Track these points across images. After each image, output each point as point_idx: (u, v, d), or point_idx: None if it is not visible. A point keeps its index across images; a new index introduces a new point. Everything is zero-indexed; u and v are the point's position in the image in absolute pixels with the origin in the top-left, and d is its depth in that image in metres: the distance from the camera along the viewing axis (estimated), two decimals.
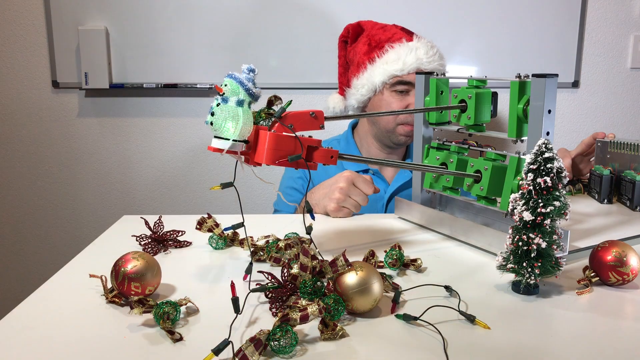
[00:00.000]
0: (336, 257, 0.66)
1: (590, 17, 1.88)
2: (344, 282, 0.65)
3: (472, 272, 0.81)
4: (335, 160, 0.77)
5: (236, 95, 0.70)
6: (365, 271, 0.65)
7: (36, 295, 0.73)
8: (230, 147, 0.70)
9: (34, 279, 1.99)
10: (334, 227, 1.05)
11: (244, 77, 0.72)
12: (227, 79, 0.71)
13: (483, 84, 0.94)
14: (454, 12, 1.83)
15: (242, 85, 0.71)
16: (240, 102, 0.70)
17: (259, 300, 0.71)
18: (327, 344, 0.60)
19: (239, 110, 0.70)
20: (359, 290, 0.64)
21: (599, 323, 0.65)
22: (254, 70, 0.73)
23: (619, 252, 0.74)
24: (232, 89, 0.71)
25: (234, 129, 0.70)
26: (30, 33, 1.82)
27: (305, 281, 0.65)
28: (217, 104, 0.70)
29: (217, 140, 0.71)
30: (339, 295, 0.64)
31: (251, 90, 0.72)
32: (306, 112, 0.77)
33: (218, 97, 0.71)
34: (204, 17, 1.81)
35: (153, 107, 1.89)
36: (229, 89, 0.71)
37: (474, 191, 0.91)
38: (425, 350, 0.58)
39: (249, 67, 0.73)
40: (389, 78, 1.36)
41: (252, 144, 0.73)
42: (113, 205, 1.95)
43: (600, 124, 1.96)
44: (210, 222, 0.92)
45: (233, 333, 0.60)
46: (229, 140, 0.70)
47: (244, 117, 0.70)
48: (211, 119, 0.70)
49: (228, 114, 0.70)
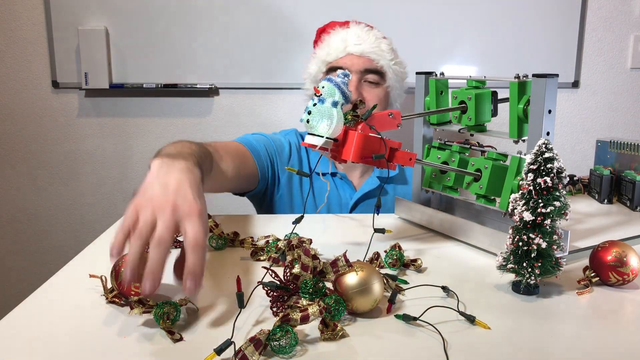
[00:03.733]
0: (337, 257, 0.66)
1: (590, 17, 1.88)
2: (345, 282, 0.65)
3: (472, 272, 0.81)
4: (413, 162, 0.83)
5: (332, 96, 0.76)
6: (365, 271, 0.65)
7: (36, 295, 0.73)
8: (323, 144, 0.76)
9: (34, 279, 1.99)
10: (332, 227, 1.05)
11: (339, 81, 0.77)
12: (325, 82, 0.77)
13: (482, 85, 0.94)
14: (454, 12, 1.83)
15: (338, 88, 0.76)
16: (335, 103, 0.76)
17: (261, 299, 0.71)
18: (327, 344, 0.60)
19: (334, 111, 0.75)
20: (359, 290, 0.64)
21: (599, 323, 0.65)
22: (349, 76, 0.78)
23: (619, 252, 0.74)
24: (329, 91, 0.76)
25: (329, 127, 0.75)
26: (30, 33, 1.82)
27: (306, 281, 0.65)
28: (313, 104, 0.76)
29: (312, 137, 0.77)
30: (339, 295, 0.64)
31: (346, 93, 0.77)
32: (385, 113, 0.83)
33: (315, 97, 0.76)
34: (204, 17, 1.81)
35: (153, 107, 1.89)
36: (326, 91, 0.76)
37: (472, 189, 0.91)
38: (425, 350, 0.58)
39: (344, 72, 0.78)
40: (322, 66, 1.33)
41: (340, 143, 0.79)
42: (113, 205, 1.95)
43: (600, 124, 1.96)
44: (210, 222, 0.92)
45: (234, 333, 0.60)
46: (323, 138, 0.76)
47: (337, 117, 0.75)
48: (307, 117, 0.76)
49: (324, 113, 0.75)
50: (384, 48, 1.33)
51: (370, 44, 1.31)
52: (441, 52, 1.86)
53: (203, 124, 1.91)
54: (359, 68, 1.30)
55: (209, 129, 1.91)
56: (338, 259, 0.66)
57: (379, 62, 1.32)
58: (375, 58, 1.31)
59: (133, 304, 0.66)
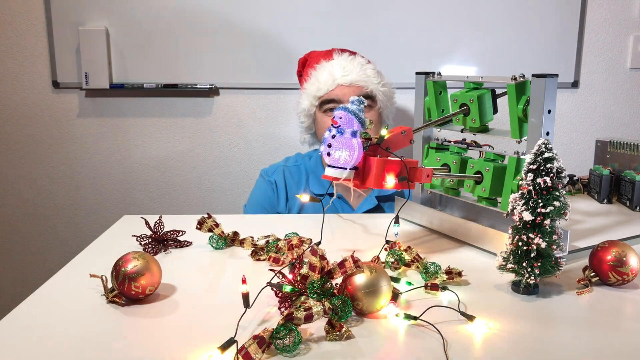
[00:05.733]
0: (345, 258, 0.66)
1: (590, 17, 1.88)
2: (354, 282, 0.65)
3: (472, 272, 0.81)
4: (430, 178, 0.83)
5: (351, 127, 0.76)
6: (374, 272, 0.65)
7: (36, 295, 0.74)
8: (347, 176, 0.77)
9: (34, 279, 1.99)
10: (334, 228, 1.05)
11: (355, 108, 0.77)
12: (341, 112, 0.77)
13: (480, 85, 0.94)
14: (454, 12, 1.83)
15: (356, 117, 0.77)
16: (354, 133, 0.76)
17: (268, 299, 0.71)
18: (330, 344, 0.60)
19: (354, 141, 0.76)
20: (369, 291, 0.64)
21: (599, 323, 0.65)
22: (363, 102, 0.79)
23: (618, 252, 0.74)
24: (347, 121, 0.76)
25: (350, 158, 0.76)
26: (30, 33, 1.82)
27: (313, 281, 0.65)
28: (332, 135, 0.76)
29: (333, 169, 0.77)
30: (347, 295, 0.65)
31: (363, 121, 0.78)
32: (398, 131, 0.83)
33: (333, 128, 0.77)
34: (204, 17, 1.81)
35: (153, 107, 1.89)
36: (344, 121, 0.76)
37: (475, 192, 0.91)
38: (425, 350, 0.59)
39: (359, 99, 0.78)
40: (313, 101, 1.39)
41: (360, 170, 0.79)
42: (113, 205, 1.95)
43: (599, 124, 1.96)
44: (210, 222, 0.92)
45: (237, 331, 0.60)
46: (346, 170, 0.76)
47: (358, 147, 0.76)
48: (328, 150, 0.76)
49: (345, 144, 0.76)
50: (370, 74, 1.39)
51: (357, 73, 1.37)
52: (441, 52, 1.86)
53: (203, 124, 1.91)
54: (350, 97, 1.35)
55: (209, 129, 1.91)
56: (346, 259, 0.66)
57: (368, 87, 1.38)
58: (364, 85, 1.37)
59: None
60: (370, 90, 1.39)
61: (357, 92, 1.36)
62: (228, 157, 1.93)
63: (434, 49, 1.85)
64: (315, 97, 1.38)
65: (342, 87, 1.36)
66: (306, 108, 1.41)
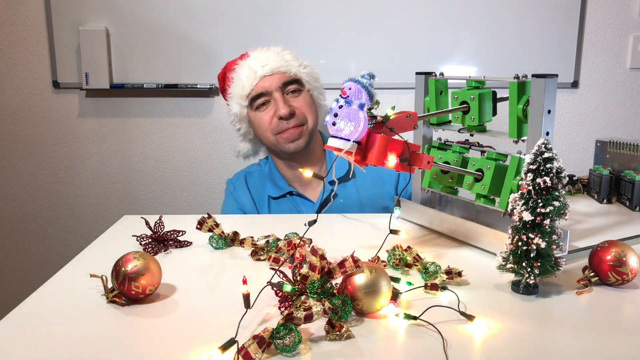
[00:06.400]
0: (345, 258, 0.66)
1: (590, 17, 1.88)
2: (354, 282, 0.65)
3: (472, 272, 0.81)
4: (430, 166, 0.82)
5: (359, 99, 0.75)
6: (374, 272, 0.65)
7: (36, 295, 0.74)
8: (349, 148, 0.75)
9: (34, 279, 1.99)
10: (334, 227, 1.05)
11: (365, 82, 0.75)
12: (351, 83, 0.75)
13: (482, 85, 0.94)
14: (454, 12, 1.83)
15: (365, 90, 0.75)
16: (362, 105, 0.74)
17: (268, 298, 0.71)
18: (330, 344, 0.60)
19: (361, 114, 0.74)
20: (369, 291, 0.65)
21: (598, 323, 0.65)
22: (374, 77, 0.77)
23: (618, 252, 0.74)
24: (356, 92, 0.75)
25: (355, 130, 0.74)
26: (30, 33, 1.82)
27: (313, 281, 0.65)
28: (339, 106, 0.74)
29: (336, 140, 0.75)
30: (348, 295, 0.65)
31: (372, 95, 0.76)
32: (403, 115, 0.82)
33: (340, 98, 0.75)
34: (204, 17, 1.81)
35: (153, 107, 1.89)
36: (352, 92, 0.75)
37: (474, 190, 0.92)
38: (425, 350, 0.59)
39: (370, 73, 0.76)
40: (242, 101, 1.36)
41: (362, 146, 0.78)
42: (113, 205, 1.95)
43: (599, 124, 1.97)
44: (211, 222, 0.92)
45: (238, 331, 0.60)
46: (349, 142, 0.74)
47: (363, 120, 0.74)
48: (333, 120, 0.74)
49: (351, 116, 0.74)
50: (287, 58, 1.38)
51: (275, 60, 1.36)
52: (441, 52, 1.86)
53: (203, 124, 1.91)
54: (277, 85, 1.34)
55: (209, 129, 1.91)
56: (346, 259, 0.66)
57: (291, 71, 1.36)
58: (286, 70, 1.36)
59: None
60: (294, 74, 1.36)
61: (282, 78, 1.34)
62: (228, 157, 1.93)
63: (434, 49, 1.85)
64: (242, 97, 1.36)
65: (265, 78, 1.34)
66: (237, 112, 1.38)
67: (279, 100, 1.33)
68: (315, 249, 0.67)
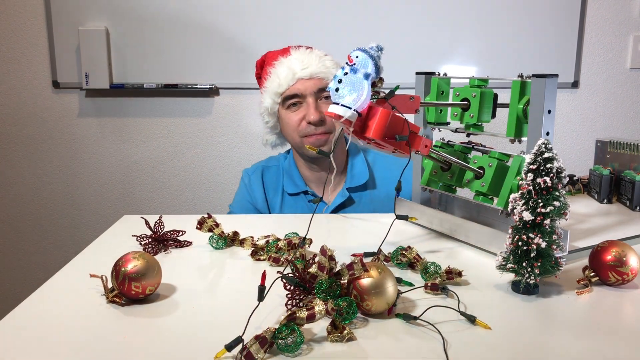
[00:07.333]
0: (353, 260, 0.66)
1: (590, 18, 1.88)
2: (361, 283, 0.65)
3: (472, 272, 0.81)
4: (428, 150, 0.80)
5: (365, 68, 0.73)
6: (381, 273, 0.65)
7: (36, 295, 0.73)
8: (349, 117, 0.73)
9: (34, 279, 1.99)
10: (335, 227, 1.05)
11: (374, 53, 0.74)
12: (359, 52, 0.74)
13: (485, 84, 0.94)
14: (454, 12, 1.83)
15: (372, 60, 0.73)
16: (367, 75, 0.73)
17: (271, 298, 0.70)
18: (332, 344, 0.60)
19: (365, 84, 0.72)
20: (375, 292, 0.64)
21: (599, 323, 0.65)
22: (382, 49, 0.75)
23: (618, 252, 0.74)
24: (363, 61, 0.73)
25: (358, 99, 0.72)
26: (30, 33, 1.82)
27: (321, 281, 0.65)
28: (344, 73, 0.73)
29: (338, 107, 0.73)
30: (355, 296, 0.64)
31: (379, 66, 0.74)
32: (407, 96, 0.80)
33: (346, 66, 0.73)
34: (204, 18, 1.81)
35: (153, 107, 1.89)
36: (360, 61, 0.73)
37: (474, 187, 0.92)
38: (425, 350, 0.59)
39: (379, 45, 0.75)
40: (275, 98, 1.37)
41: (363, 118, 0.75)
42: (113, 205, 1.95)
43: (599, 124, 1.97)
44: (210, 222, 0.92)
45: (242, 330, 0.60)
46: (350, 110, 0.72)
47: (367, 91, 0.72)
48: (337, 86, 0.73)
49: (355, 84, 0.72)
50: (328, 65, 1.38)
51: (316, 65, 1.36)
52: (441, 52, 1.86)
53: (203, 124, 1.91)
54: (313, 90, 1.34)
55: (209, 129, 1.91)
56: (354, 262, 0.66)
57: (328, 78, 1.37)
58: (324, 76, 1.36)
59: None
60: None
61: (318, 84, 1.35)
62: (228, 157, 1.93)
63: (434, 48, 1.85)
64: (277, 94, 1.37)
65: (303, 81, 1.35)
66: (269, 106, 1.39)
67: (312, 105, 1.34)
68: (325, 249, 0.67)
